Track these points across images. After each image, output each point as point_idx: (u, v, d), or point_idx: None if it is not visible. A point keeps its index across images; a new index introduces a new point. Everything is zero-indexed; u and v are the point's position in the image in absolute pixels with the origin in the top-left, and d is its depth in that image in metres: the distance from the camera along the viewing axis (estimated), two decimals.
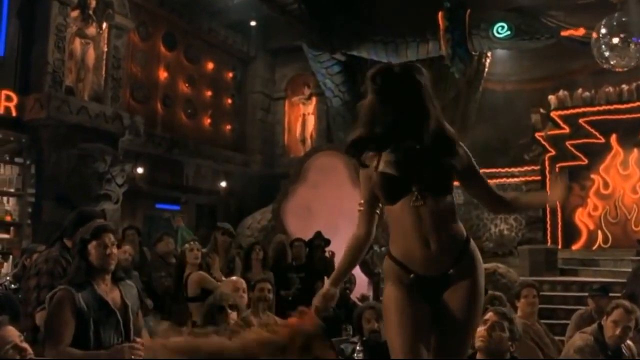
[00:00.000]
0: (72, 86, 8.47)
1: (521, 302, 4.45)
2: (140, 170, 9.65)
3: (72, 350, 2.83)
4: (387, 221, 2.25)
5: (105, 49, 8.86)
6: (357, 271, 6.14)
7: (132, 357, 2.92)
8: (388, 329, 2.21)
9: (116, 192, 8.22)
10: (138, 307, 3.32)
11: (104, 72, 8.84)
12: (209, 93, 11.84)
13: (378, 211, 2.32)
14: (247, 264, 6.29)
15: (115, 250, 3.12)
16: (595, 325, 3.85)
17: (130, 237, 7.00)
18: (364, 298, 6.38)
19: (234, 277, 4.60)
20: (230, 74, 12.51)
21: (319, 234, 7.23)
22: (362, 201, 2.34)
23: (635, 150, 11.01)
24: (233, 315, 3.56)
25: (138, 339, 3.07)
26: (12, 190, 7.76)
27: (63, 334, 2.84)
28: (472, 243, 2.26)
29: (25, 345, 2.57)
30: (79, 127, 8.01)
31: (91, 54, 8.82)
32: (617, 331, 3.64)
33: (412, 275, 2.18)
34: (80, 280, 2.99)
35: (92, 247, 3.02)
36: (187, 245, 5.08)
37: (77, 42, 8.68)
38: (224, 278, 5.00)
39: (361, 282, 7.29)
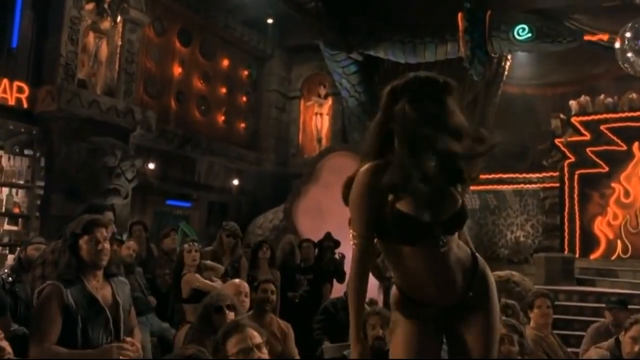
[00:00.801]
0: (85, 79, 8.42)
1: (534, 313, 4.25)
2: (151, 165, 9.58)
3: (57, 348, 2.71)
4: (388, 258, 2.10)
5: (120, 43, 8.80)
6: None
7: (120, 357, 2.80)
8: None
9: (126, 187, 8.15)
10: (130, 304, 3.19)
11: (117, 67, 8.78)
12: (224, 90, 11.75)
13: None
14: (254, 262, 6.19)
15: (107, 245, 3.01)
16: (612, 340, 3.65)
17: (137, 233, 6.95)
18: (371, 302, 6.20)
19: (236, 280, 4.45)
20: (246, 72, 12.41)
21: (328, 235, 7.08)
22: (356, 233, 2.04)
23: None
24: (231, 315, 3.42)
25: (128, 339, 2.95)
26: (21, 182, 7.70)
27: (49, 331, 2.72)
28: (480, 259, 2.12)
29: (4, 343, 2.46)
30: (90, 121, 7.95)
31: (104, 48, 8.77)
32: (636, 348, 3.43)
33: (424, 306, 2.07)
34: (71, 276, 2.88)
35: (83, 241, 2.91)
36: (185, 246, 4.95)
37: (91, 35, 8.64)
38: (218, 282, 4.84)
39: (370, 286, 7.12)
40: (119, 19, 8.72)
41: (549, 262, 10.02)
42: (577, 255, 10.71)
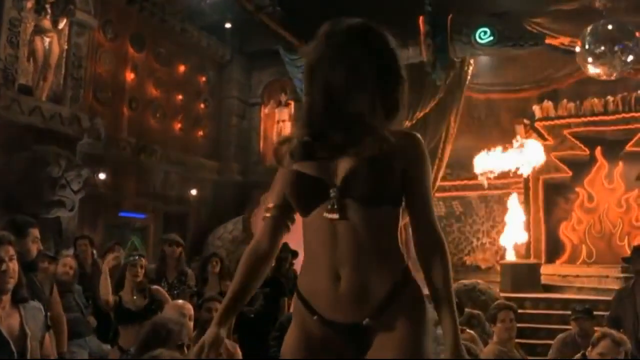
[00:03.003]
0: (29, 85, 7.93)
1: (497, 327, 4.00)
2: (102, 175, 9.10)
3: None
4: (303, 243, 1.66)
5: (66, 47, 8.35)
6: None
7: None
8: None
9: (71, 198, 7.67)
10: (44, 334, 2.80)
11: (63, 71, 8.31)
12: (180, 97, 11.32)
13: (290, 223, 1.72)
14: (202, 276, 5.81)
15: (13, 265, 2.62)
16: (579, 357, 3.40)
17: (82, 247, 6.52)
18: None
19: (180, 301, 4.08)
20: (204, 78, 12.01)
21: (284, 246, 6.72)
22: (270, 205, 1.72)
23: (621, 163, 10.77)
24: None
25: None
26: None
27: None
28: (413, 281, 1.58)
29: None
30: (32, 129, 7.47)
31: (55, 52, 8.32)
32: None
33: (315, 318, 1.56)
34: None
35: None
36: (130, 259, 4.58)
37: (38, 39, 8.18)
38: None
39: None
40: (64, 21, 8.27)
41: (515, 269, 9.92)
42: (543, 261, 10.65)
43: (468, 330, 4.39)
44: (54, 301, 4.06)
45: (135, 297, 4.52)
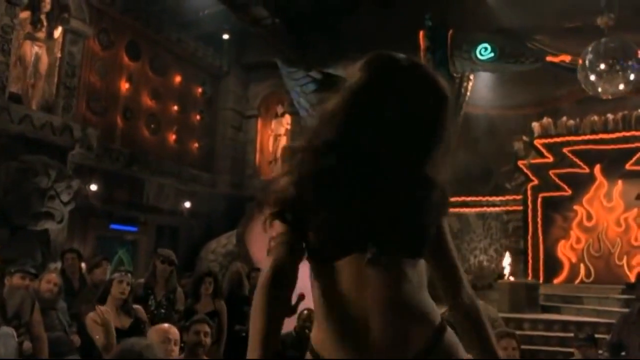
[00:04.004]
0: (19, 93, 7.76)
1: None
2: (94, 187, 8.89)
3: None
4: (315, 294, 1.42)
5: (59, 55, 8.20)
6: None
7: None
8: None
9: (61, 210, 7.47)
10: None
11: (56, 80, 8.14)
12: (176, 108, 11.16)
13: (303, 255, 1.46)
14: (195, 294, 5.60)
15: None
16: None
17: (70, 262, 6.30)
18: None
19: (165, 325, 3.86)
20: (200, 89, 11.85)
21: None
22: (282, 231, 1.43)
23: (620, 181, 10.64)
24: None
25: None
26: None
27: None
28: (449, 334, 1.43)
29: None
30: (21, 138, 7.29)
31: (44, 60, 8.16)
32: None
33: None
34: None
35: None
36: (116, 275, 4.38)
37: (28, 46, 8.03)
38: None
39: None
40: (59, 29, 8.12)
41: (514, 288, 9.73)
42: (541, 280, 10.48)
43: None
44: (35, 321, 3.88)
45: (120, 316, 4.33)
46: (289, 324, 6.02)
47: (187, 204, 10.99)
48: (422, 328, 1.37)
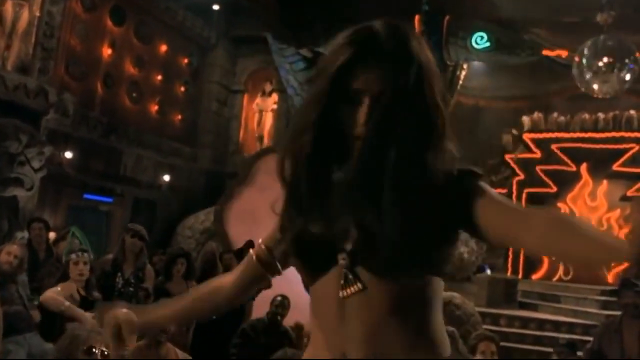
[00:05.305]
0: None
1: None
2: (68, 154, 8.56)
3: None
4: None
5: (38, 14, 7.78)
6: (293, 293, 5.19)
7: None
8: None
9: (31, 176, 7.15)
10: None
11: (33, 40, 7.75)
12: (159, 78, 10.78)
13: (272, 276, 1.37)
14: (167, 274, 5.38)
15: None
16: None
17: (36, 232, 6.04)
18: (298, 328, 5.49)
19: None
20: (186, 60, 11.47)
21: (250, 243, 6.29)
22: (261, 244, 1.37)
23: (605, 181, 10.57)
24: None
25: None
26: None
27: None
28: None
29: None
30: None
31: (25, 19, 7.76)
32: None
33: None
34: None
35: None
36: (72, 256, 4.14)
37: (9, 3, 7.63)
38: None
39: (301, 306, 6.40)
40: None
41: (492, 283, 9.65)
42: (520, 276, 10.43)
43: None
44: None
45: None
46: (261, 310, 5.81)
47: (166, 178, 10.70)
48: None
